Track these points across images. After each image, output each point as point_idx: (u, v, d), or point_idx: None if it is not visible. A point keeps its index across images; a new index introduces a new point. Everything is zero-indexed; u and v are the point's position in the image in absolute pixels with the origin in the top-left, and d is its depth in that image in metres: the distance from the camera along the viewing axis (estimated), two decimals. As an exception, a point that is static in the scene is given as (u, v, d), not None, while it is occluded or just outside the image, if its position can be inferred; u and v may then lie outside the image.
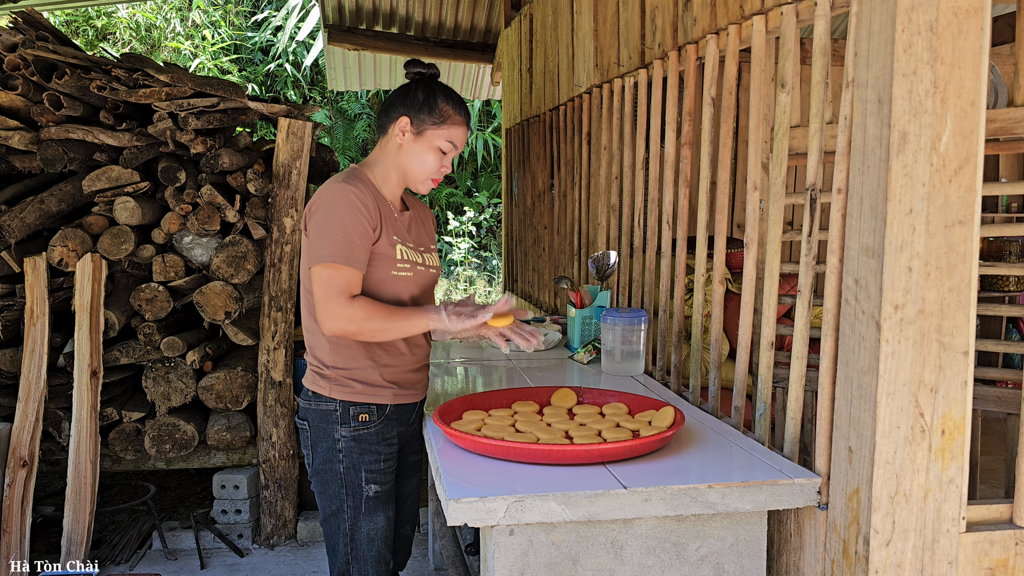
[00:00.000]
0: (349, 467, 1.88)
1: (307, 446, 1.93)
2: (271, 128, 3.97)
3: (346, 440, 1.87)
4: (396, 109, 1.91)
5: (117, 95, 3.12)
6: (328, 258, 1.77)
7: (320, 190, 1.85)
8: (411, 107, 1.89)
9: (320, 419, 1.89)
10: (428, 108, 1.88)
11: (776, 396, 2.43)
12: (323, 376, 1.89)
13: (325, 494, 1.91)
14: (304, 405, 1.93)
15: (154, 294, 3.16)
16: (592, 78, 3.29)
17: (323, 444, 1.89)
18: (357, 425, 1.87)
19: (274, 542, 3.36)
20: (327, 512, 1.91)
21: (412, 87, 1.93)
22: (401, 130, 1.90)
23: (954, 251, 1.45)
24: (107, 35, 10.56)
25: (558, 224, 3.98)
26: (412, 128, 1.89)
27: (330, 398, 1.87)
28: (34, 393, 3.04)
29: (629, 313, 2.45)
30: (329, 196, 1.81)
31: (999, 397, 2.28)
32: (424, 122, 1.88)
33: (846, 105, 1.57)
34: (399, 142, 1.90)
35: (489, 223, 11.23)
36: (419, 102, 1.89)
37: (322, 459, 1.89)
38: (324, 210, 1.80)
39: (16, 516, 2.94)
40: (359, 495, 1.88)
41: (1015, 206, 4.60)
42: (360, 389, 1.88)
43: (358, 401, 1.88)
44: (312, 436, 1.91)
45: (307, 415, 1.91)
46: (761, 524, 1.63)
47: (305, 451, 1.95)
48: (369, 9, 5.98)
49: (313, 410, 1.90)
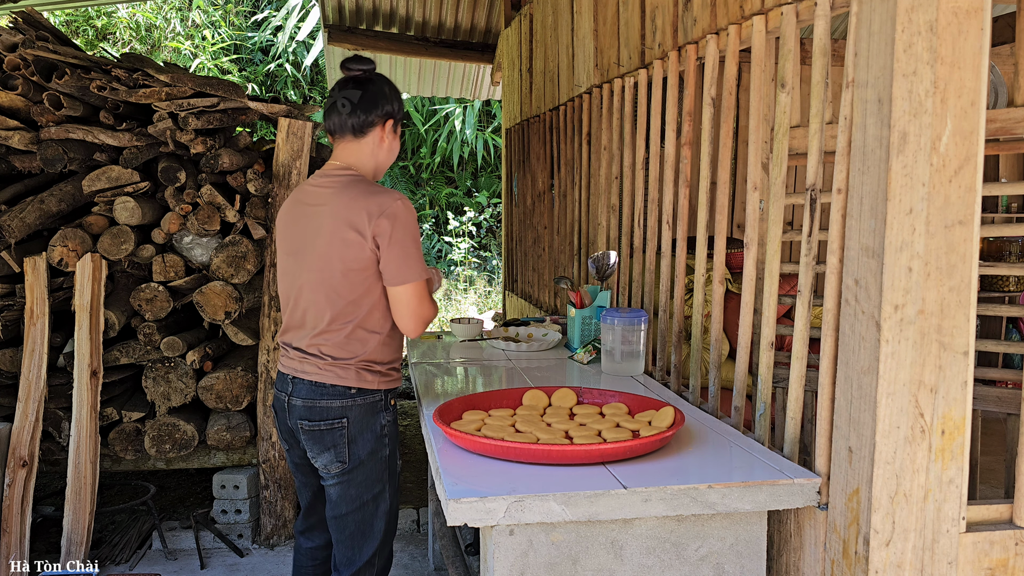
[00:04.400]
0: (392, 449, 2.01)
1: (340, 443, 1.94)
2: (271, 128, 3.98)
3: (389, 425, 2.00)
4: (380, 109, 1.96)
5: (117, 95, 3.12)
6: (421, 275, 1.91)
7: (385, 204, 1.87)
8: (393, 105, 1.99)
9: (365, 412, 1.96)
10: (400, 104, 2.01)
11: (776, 396, 2.43)
12: (371, 371, 1.96)
13: (366, 482, 1.97)
14: (341, 403, 1.94)
15: (154, 294, 3.16)
16: (592, 78, 3.29)
17: (366, 435, 1.96)
18: (391, 409, 2.02)
19: (274, 542, 3.36)
20: (365, 498, 1.97)
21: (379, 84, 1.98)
22: (388, 131, 1.99)
23: (954, 251, 1.45)
24: (107, 35, 10.56)
25: (558, 224, 3.98)
26: (394, 128, 2.01)
27: (376, 390, 1.97)
28: (34, 393, 3.04)
29: (629, 313, 2.45)
30: (409, 216, 1.89)
31: (999, 397, 2.28)
32: (397, 116, 2.01)
33: (846, 105, 1.57)
34: (380, 141, 1.99)
35: (489, 223, 11.24)
36: (395, 100, 1.99)
37: (368, 449, 1.96)
38: (410, 232, 1.89)
39: (16, 516, 2.94)
40: (396, 473, 2.02)
41: (1015, 206, 4.60)
42: (394, 377, 2.04)
43: (394, 388, 2.03)
44: (351, 431, 1.94)
45: (346, 412, 1.94)
46: (761, 524, 1.63)
47: (334, 449, 1.95)
48: (369, 9, 5.98)
49: (357, 405, 1.95)
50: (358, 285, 1.89)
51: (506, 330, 3.12)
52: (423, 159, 11.62)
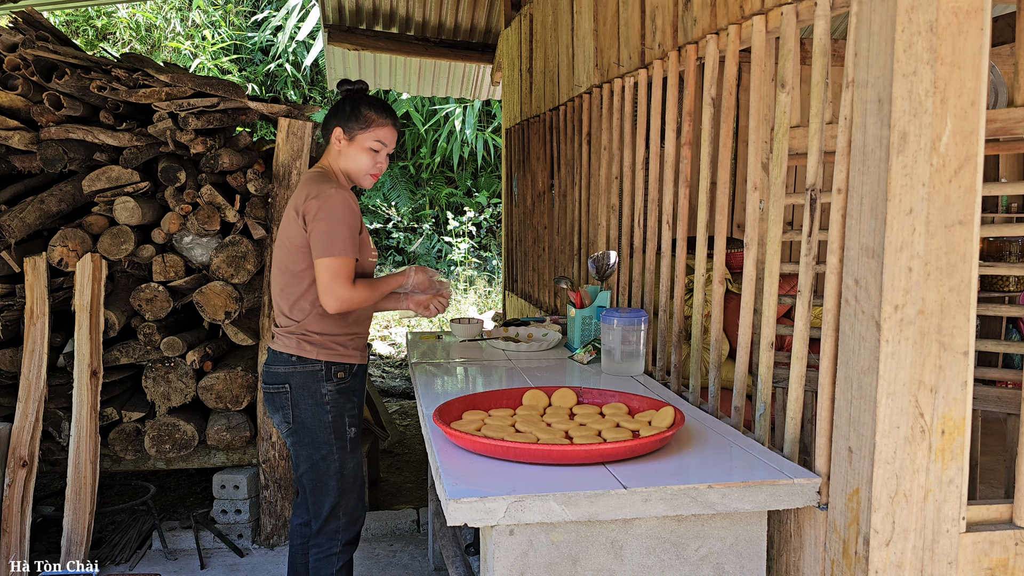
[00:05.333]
0: (336, 415, 2.24)
1: (285, 406, 2.23)
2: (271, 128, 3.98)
3: (332, 394, 2.23)
4: (331, 123, 2.29)
5: (117, 95, 3.12)
6: (340, 252, 2.12)
7: (315, 188, 2.18)
8: (341, 118, 2.27)
9: (305, 379, 2.21)
10: (355, 117, 2.25)
11: (776, 396, 2.43)
12: (309, 341, 2.22)
13: (313, 443, 2.23)
14: (284, 369, 2.22)
15: (154, 294, 3.16)
16: (592, 78, 3.29)
17: (308, 401, 2.22)
18: (338, 381, 2.24)
19: (274, 542, 3.36)
20: (315, 458, 2.23)
21: (341, 102, 2.30)
22: (337, 139, 2.27)
23: (954, 251, 1.45)
24: (107, 35, 10.56)
25: (558, 224, 3.98)
26: (344, 136, 2.26)
27: (316, 360, 2.21)
28: (34, 393, 3.04)
29: (629, 313, 2.45)
30: (333, 199, 2.15)
31: (999, 397, 2.28)
32: (353, 129, 2.25)
33: (846, 105, 1.57)
34: (337, 149, 2.28)
35: (489, 223, 11.23)
36: (347, 113, 2.26)
37: (309, 413, 2.22)
38: (331, 210, 2.13)
39: (16, 516, 2.94)
40: (344, 438, 2.25)
41: (1015, 206, 4.60)
42: (340, 352, 2.25)
43: (339, 361, 2.24)
44: (294, 396, 2.22)
45: (288, 378, 2.22)
46: (761, 524, 1.63)
47: (281, 411, 2.24)
48: (369, 9, 5.98)
49: (298, 372, 2.22)
50: (299, 260, 2.19)
51: (506, 330, 3.12)
52: (423, 159, 11.62)
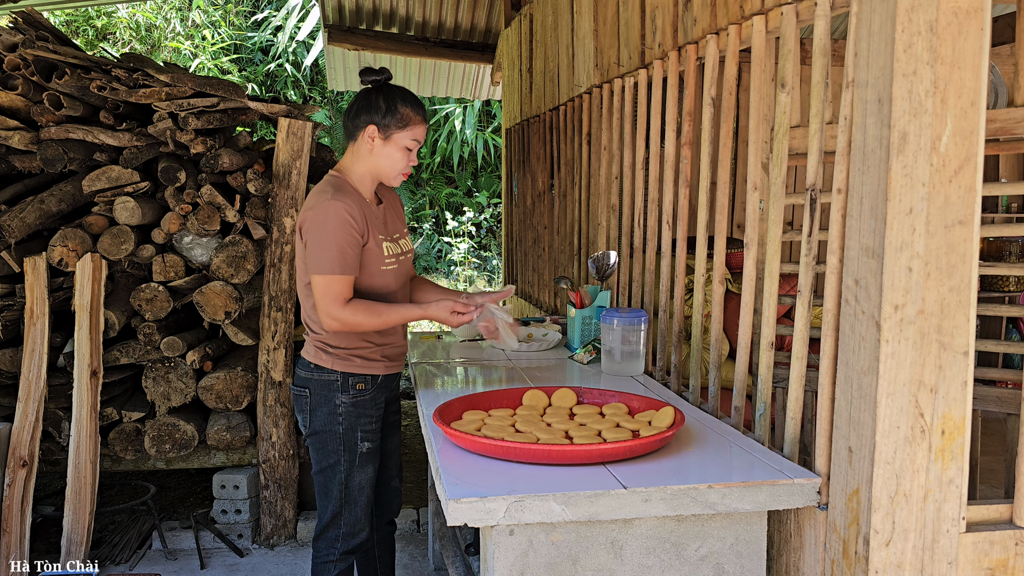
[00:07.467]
0: (348, 428, 2.15)
1: (305, 410, 2.18)
2: (271, 128, 3.98)
3: (346, 406, 2.14)
4: (362, 118, 2.11)
5: (117, 95, 3.12)
6: (327, 270, 2.03)
7: (312, 200, 2.09)
8: (375, 115, 2.09)
9: (322, 387, 2.15)
10: (391, 114, 2.09)
11: (776, 396, 2.43)
12: (327, 352, 2.14)
13: (324, 450, 2.17)
14: (304, 374, 2.17)
15: (154, 294, 3.16)
16: (592, 78, 3.29)
17: (324, 408, 2.15)
18: (355, 393, 2.15)
19: (274, 542, 3.36)
20: (323, 465, 2.17)
21: (372, 95, 2.12)
22: (370, 137, 2.10)
23: (954, 251, 1.45)
24: (107, 35, 10.56)
25: (558, 224, 3.98)
26: (380, 134, 2.10)
27: (332, 370, 2.14)
28: (34, 393, 3.04)
29: (629, 313, 2.45)
30: (322, 212, 2.04)
31: (999, 397, 2.28)
32: (389, 127, 2.09)
33: (846, 105, 1.57)
34: (369, 148, 2.11)
35: (489, 223, 11.23)
36: (383, 110, 2.09)
37: (322, 421, 2.15)
38: (318, 225, 2.04)
39: (16, 516, 2.94)
40: (354, 451, 2.17)
41: (1015, 206, 4.60)
42: (359, 363, 2.15)
43: (356, 372, 2.15)
44: (312, 401, 2.16)
45: (308, 383, 2.16)
46: (761, 524, 1.63)
47: (301, 414, 2.19)
48: (369, 9, 5.98)
49: (315, 380, 2.15)
50: (305, 273, 2.13)
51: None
52: (423, 159, 11.61)
